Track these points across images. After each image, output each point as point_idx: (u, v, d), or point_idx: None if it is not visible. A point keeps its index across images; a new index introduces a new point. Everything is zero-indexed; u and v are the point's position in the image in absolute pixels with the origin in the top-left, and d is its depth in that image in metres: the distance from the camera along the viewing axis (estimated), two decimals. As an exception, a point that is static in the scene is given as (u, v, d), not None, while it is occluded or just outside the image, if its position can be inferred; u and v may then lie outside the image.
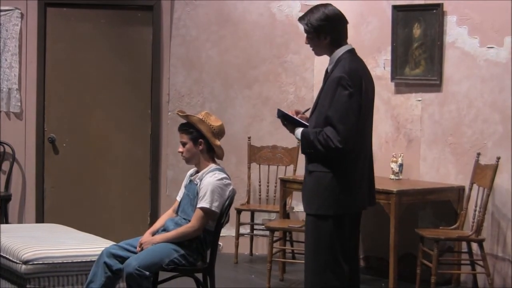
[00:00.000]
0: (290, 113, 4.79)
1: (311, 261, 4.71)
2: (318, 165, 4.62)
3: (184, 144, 5.61)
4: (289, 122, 4.78)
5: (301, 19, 4.75)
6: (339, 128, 4.49)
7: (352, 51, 4.70)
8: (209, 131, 5.56)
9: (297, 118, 4.76)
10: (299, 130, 4.70)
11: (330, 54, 4.72)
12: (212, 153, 5.64)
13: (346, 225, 4.66)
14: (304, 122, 4.72)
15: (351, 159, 4.59)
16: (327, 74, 4.71)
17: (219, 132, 5.62)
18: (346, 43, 4.72)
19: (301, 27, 4.86)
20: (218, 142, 5.60)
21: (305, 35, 4.76)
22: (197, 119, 5.57)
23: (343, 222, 4.64)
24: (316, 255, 4.67)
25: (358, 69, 4.64)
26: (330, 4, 4.80)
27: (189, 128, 5.59)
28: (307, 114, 4.83)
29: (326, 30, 4.66)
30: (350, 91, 4.51)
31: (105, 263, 5.41)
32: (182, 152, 5.63)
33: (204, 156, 5.60)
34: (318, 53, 4.81)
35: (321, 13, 4.68)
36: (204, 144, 5.58)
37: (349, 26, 4.83)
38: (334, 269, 4.64)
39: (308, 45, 4.79)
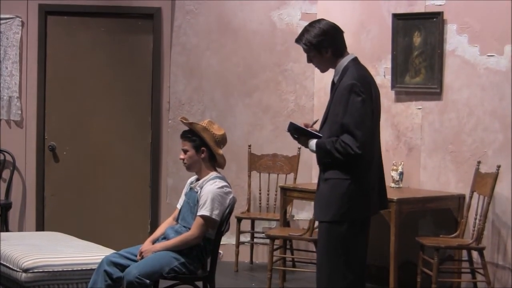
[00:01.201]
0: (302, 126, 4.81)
1: (324, 267, 4.70)
2: (336, 172, 4.63)
3: (186, 151, 5.61)
4: (301, 134, 4.78)
5: (298, 40, 4.77)
6: (356, 134, 4.53)
7: (356, 60, 4.74)
8: (212, 139, 5.56)
9: (309, 129, 4.76)
10: (313, 142, 4.70)
11: (334, 66, 4.75)
12: (214, 162, 5.64)
13: (358, 230, 4.69)
14: (317, 133, 4.73)
15: (364, 165, 4.62)
16: (335, 84, 4.73)
17: (222, 141, 5.63)
18: (348, 53, 4.76)
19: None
20: (221, 151, 5.61)
21: (306, 55, 4.78)
22: (201, 127, 5.57)
23: (356, 227, 4.67)
24: (329, 261, 4.67)
25: (366, 75, 4.70)
26: (322, 19, 4.85)
27: (192, 135, 5.59)
28: (316, 126, 4.84)
29: (326, 44, 4.69)
30: (363, 97, 4.56)
31: (105, 271, 5.40)
32: (183, 159, 5.63)
33: (205, 164, 5.61)
34: (323, 69, 4.82)
35: (317, 29, 4.71)
36: (206, 152, 5.58)
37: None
38: (347, 274, 4.65)
39: (311, 64, 4.81)
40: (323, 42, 4.68)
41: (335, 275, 4.66)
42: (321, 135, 4.71)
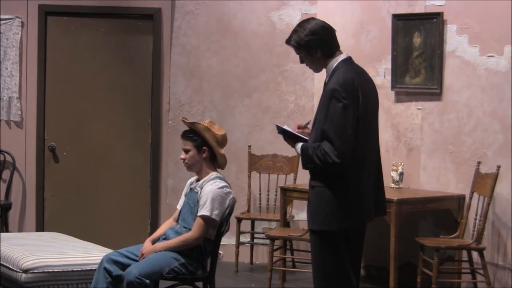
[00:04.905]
0: (290, 128, 4.74)
1: (319, 277, 4.59)
2: (319, 180, 4.54)
3: (187, 151, 5.60)
4: (288, 137, 4.74)
5: (288, 41, 4.66)
6: (335, 142, 4.40)
7: (347, 60, 4.61)
8: (214, 139, 5.57)
9: (295, 132, 4.69)
10: (298, 145, 4.61)
11: (326, 66, 4.64)
12: (214, 162, 5.65)
13: (352, 238, 4.58)
14: (303, 137, 4.65)
15: (353, 171, 4.50)
16: (325, 86, 4.64)
17: (223, 141, 5.64)
18: (340, 52, 4.64)
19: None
20: (222, 151, 5.62)
21: (298, 56, 4.69)
22: (203, 127, 5.57)
23: (348, 236, 4.56)
24: (324, 271, 4.57)
25: (353, 79, 4.52)
26: (312, 18, 4.72)
27: (193, 135, 5.59)
28: (310, 126, 4.77)
29: (315, 44, 4.58)
30: (344, 103, 4.42)
31: (105, 268, 5.41)
32: (184, 159, 5.63)
33: (206, 164, 5.61)
34: (316, 69, 4.71)
35: (306, 29, 4.59)
36: (207, 152, 5.59)
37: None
38: (344, 283, 4.57)
39: (304, 65, 4.75)
40: (312, 42, 4.57)
41: (328, 282, 4.60)
42: (307, 138, 4.62)
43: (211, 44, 8.43)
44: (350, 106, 4.43)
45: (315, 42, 4.58)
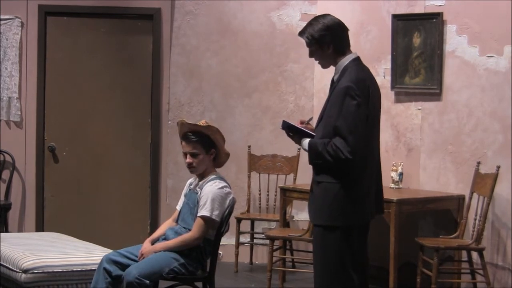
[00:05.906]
0: (295, 124, 4.76)
1: (320, 273, 4.63)
2: (326, 176, 4.57)
3: (195, 155, 5.54)
4: (294, 132, 4.74)
5: (301, 33, 4.72)
6: (348, 138, 4.46)
7: (357, 60, 4.68)
8: (223, 140, 5.57)
9: (302, 128, 4.71)
10: (306, 141, 4.64)
11: (335, 63, 4.69)
12: (215, 162, 5.64)
13: (355, 236, 4.62)
14: (311, 132, 4.68)
15: (359, 169, 4.55)
16: (333, 83, 4.68)
17: None
18: (350, 51, 4.71)
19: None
20: (227, 151, 5.63)
21: (308, 49, 4.73)
22: (216, 129, 5.55)
23: (352, 233, 4.60)
24: (325, 267, 4.60)
25: (365, 78, 4.62)
26: (328, 14, 4.79)
27: (200, 138, 5.55)
28: (312, 123, 4.79)
29: (328, 39, 4.65)
30: (358, 101, 4.49)
31: (104, 269, 5.41)
32: (191, 163, 5.55)
33: (211, 165, 5.60)
34: (325, 65, 4.75)
35: (321, 24, 4.67)
36: (215, 153, 5.58)
37: (349, 35, 4.83)
38: (344, 280, 4.58)
39: (313, 59, 4.76)
40: (325, 38, 4.64)
41: (330, 280, 4.61)
42: (314, 134, 4.65)
43: (211, 44, 8.43)
44: (363, 104, 4.52)
45: (328, 37, 4.65)
